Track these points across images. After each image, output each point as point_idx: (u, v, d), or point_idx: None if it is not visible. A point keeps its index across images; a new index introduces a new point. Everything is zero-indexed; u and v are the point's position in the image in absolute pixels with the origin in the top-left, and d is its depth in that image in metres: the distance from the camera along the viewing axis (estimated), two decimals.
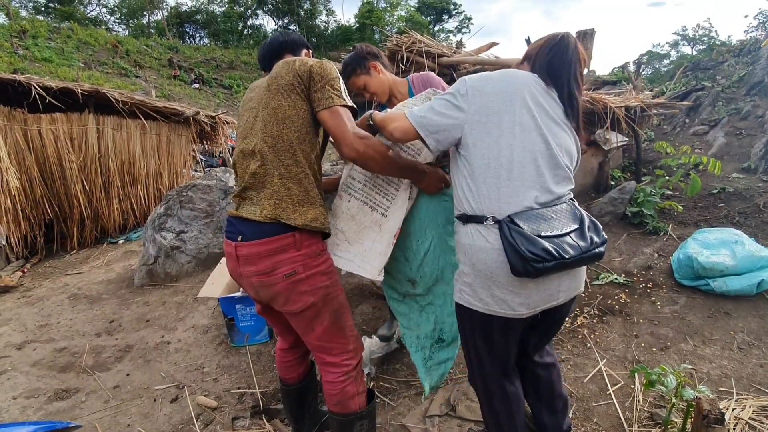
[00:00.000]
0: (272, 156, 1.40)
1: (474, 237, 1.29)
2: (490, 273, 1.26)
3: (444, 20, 39.28)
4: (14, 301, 4.06)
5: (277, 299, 1.44)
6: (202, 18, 35.33)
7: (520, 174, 1.25)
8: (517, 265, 1.17)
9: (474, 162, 1.28)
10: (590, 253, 1.25)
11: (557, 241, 1.20)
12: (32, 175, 5.08)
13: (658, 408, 2.01)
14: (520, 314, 1.29)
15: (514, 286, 1.26)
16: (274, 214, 1.38)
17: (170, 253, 4.19)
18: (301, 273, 1.40)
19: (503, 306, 1.28)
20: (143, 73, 20.81)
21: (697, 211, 4.49)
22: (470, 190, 1.30)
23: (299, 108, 1.41)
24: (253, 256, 1.39)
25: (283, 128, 1.40)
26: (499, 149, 1.25)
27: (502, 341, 1.39)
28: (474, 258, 1.29)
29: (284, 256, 1.38)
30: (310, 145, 1.44)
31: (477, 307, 1.32)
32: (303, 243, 1.40)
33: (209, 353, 2.83)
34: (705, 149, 6.49)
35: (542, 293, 1.29)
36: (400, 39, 3.18)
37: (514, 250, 1.18)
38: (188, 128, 6.53)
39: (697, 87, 9.00)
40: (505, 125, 1.25)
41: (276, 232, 1.38)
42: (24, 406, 2.43)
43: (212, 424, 2.17)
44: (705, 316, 2.78)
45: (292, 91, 1.41)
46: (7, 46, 17.02)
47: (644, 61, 23.21)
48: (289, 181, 1.40)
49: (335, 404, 1.56)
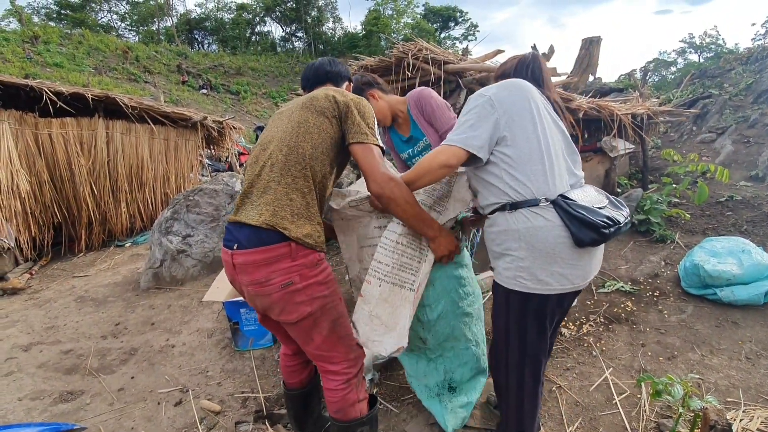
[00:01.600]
0: (283, 164, 1.41)
1: (530, 219, 1.35)
2: (552, 249, 1.34)
3: (450, 27, 39.51)
4: (22, 303, 4.09)
5: (272, 309, 1.43)
6: (211, 25, 35.81)
7: (556, 160, 1.41)
8: (584, 236, 1.30)
9: (515, 154, 1.38)
10: (628, 223, 1.42)
11: (606, 211, 1.36)
12: (42, 179, 5.14)
13: (665, 418, 1.99)
14: (578, 286, 1.40)
15: (573, 258, 1.36)
16: (271, 221, 1.37)
17: (176, 256, 4.21)
18: (298, 283, 1.38)
19: (563, 281, 1.37)
20: (152, 79, 21.07)
21: (704, 219, 4.46)
22: (516, 179, 1.38)
23: (323, 128, 1.45)
24: (249, 264, 1.38)
25: (300, 141, 1.42)
26: (538, 140, 1.39)
27: (550, 324, 1.48)
28: (533, 239, 1.35)
29: (279, 266, 1.37)
30: (321, 164, 1.45)
31: (536, 290, 1.38)
32: (298, 253, 1.38)
33: (213, 357, 2.84)
34: (712, 157, 6.45)
35: (590, 264, 1.42)
36: (407, 46, 3.20)
37: (580, 222, 1.30)
38: (196, 133, 6.60)
39: (704, 95, 8.97)
40: (532, 121, 1.40)
41: (271, 240, 1.36)
42: (29, 407, 2.44)
43: (215, 428, 2.16)
44: (712, 325, 2.75)
45: (323, 114, 1.45)
46: (19, 51, 17.32)
47: (651, 69, 23.14)
48: (293, 192, 1.40)
49: (336, 411, 1.55)
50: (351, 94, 1.53)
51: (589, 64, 7.87)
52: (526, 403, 1.53)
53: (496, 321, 1.54)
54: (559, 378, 2.34)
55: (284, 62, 31.38)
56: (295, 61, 32.24)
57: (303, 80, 1.76)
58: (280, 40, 39.04)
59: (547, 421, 2.04)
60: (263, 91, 25.89)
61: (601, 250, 1.48)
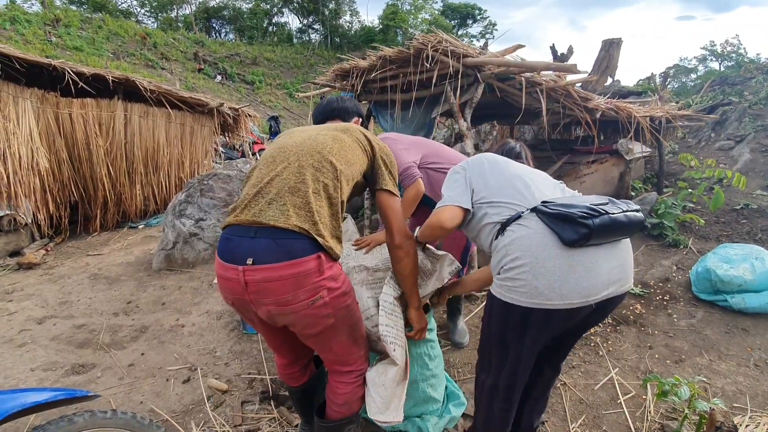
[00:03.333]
0: (315, 169, 1.32)
1: (515, 231, 1.35)
2: (538, 255, 1.28)
3: (468, 25, 39.12)
4: (37, 278, 4.19)
5: (297, 325, 1.34)
6: (229, 14, 35.89)
7: (533, 182, 1.49)
8: (568, 233, 1.24)
9: (488, 191, 1.49)
10: (632, 212, 1.32)
11: (594, 205, 1.29)
12: (61, 157, 5.23)
13: (670, 420, 1.98)
14: (570, 303, 1.27)
15: (562, 267, 1.26)
16: (305, 226, 1.24)
17: (188, 239, 4.27)
18: (325, 297, 1.29)
19: (550, 296, 1.26)
20: (169, 66, 21.24)
21: (718, 225, 4.40)
22: (495, 206, 1.45)
23: (357, 154, 1.48)
24: (272, 281, 1.22)
25: (335, 153, 1.38)
26: (504, 174, 1.52)
27: (533, 340, 1.39)
28: (521, 247, 1.31)
29: (308, 281, 1.24)
30: (347, 183, 1.40)
31: (524, 302, 1.30)
32: (325, 265, 1.28)
33: (222, 338, 2.88)
34: (730, 164, 6.34)
35: (594, 278, 1.28)
36: (426, 38, 3.19)
37: (558, 218, 1.27)
38: (211, 119, 6.65)
39: (724, 101, 8.81)
40: (498, 166, 1.56)
41: (301, 250, 1.23)
42: (42, 377, 2.51)
43: (222, 406, 2.21)
44: (722, 331, 2.72)
45: (359, 143, 1.50)
46: (40, 33, 17.56)
47: (671, 74, 22.75)
48: (323, 199, 1.31)
49: (341, 404, 1.52)
50: (380, 141, 1.60)
51: (608, 66, 7.77)
52: (495, 406, 1.51)
53: (485, 321, 1.52)
54: (564, 375, 2.34)
55: (300, 54, 31.37)
56: (311, 53, 32.22)
57: (315, 117, 1.97)
58: (297, 32, 39.03)
59: (551, 416, 2.04)
60: (278, 82, 25.95)
61: (602, 264, 1.31)
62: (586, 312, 1.33)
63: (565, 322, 1.35)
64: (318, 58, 31.46)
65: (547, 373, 1.67)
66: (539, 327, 1.34)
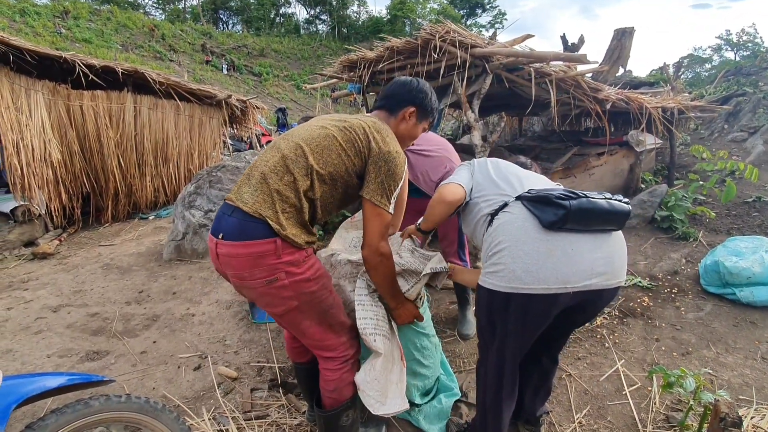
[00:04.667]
0: (291, 161, 1.38)
1: (500, 218, 1.41)
2: (517, 239, 1.32)
3: (477, 14, 38.68)
4: (51, 267, 4.28)
5: (258, 300, 1.43)
6: (236, 5, 35.82)
7: (524, 174, 1.60)
8: (546, 214, 1.29)
9: (481, 186, 1.57)
10: (616, 200, 1.34)
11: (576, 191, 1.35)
12: (73, 149, 5.30)
13: (675, 411, 1.99)
14: (549, 289, 1.28)
15: (540, 250, 1.29)
16: (263, 212, 1.32)
17: (198, 230, 4.33)
18: (284, 279, 1.35)
19: (528, 280, 1.28)
20: (177, 57, 21.31)
21: (729, 218, 4.35)
22: (486, 198, 1.52)
23: (346, 156, 1.41)
24: (232, 257, 1.34)
25: (314, 151, 1.40)
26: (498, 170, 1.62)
27: (520, 325, 1.40)
28: (503, 232, 1.37)
29: (264, 262, 1.32)
30: (322, 182, 1.41)
31: (503, 287, 1.33)
32: (284, 251, 1.34)
33: (231, 327, 2.93)
34: (742, 156, 6.24)
35: (574, 266, 1.28)
36: (434, 28, 3.16)
37: (537, 201, 1.33)
38: (220, 111, 6.68)
39: (738, 92, 8.63)
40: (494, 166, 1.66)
41: (257, 233, 1.31)
42: (57, 364, 2.58)
43: (232, 393, 2.26)
44: (730, 324, 2.71)
45: (352, 144, 1.42)
46: (50, 25, 17.70)
47: (684, 64, 22.31)
48: (290, 190, 1.36)
49: (331, 390, 1.55)
50: (395, 147, 1.45)
51: (620, 55, 7.63)
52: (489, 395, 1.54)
53: (476, 314, 1.57)
54: (569, 366, 2.35)
55: (307, 45, 31.26)
56: (318, 44, 32.09)
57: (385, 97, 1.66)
58: (304, 23, 38.87)
59: (555, 407, 2.06)
60: (285, 74, 25.93)
61: (584, 252, 1.31)
62: (569, 300, 1.33)
63: (548, 309, 1.34)
64: (325, 49, 31.34)
65: (546, 364, 1.70)
66: (520, 313, 1.35)
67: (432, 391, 2.06)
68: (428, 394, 2.04)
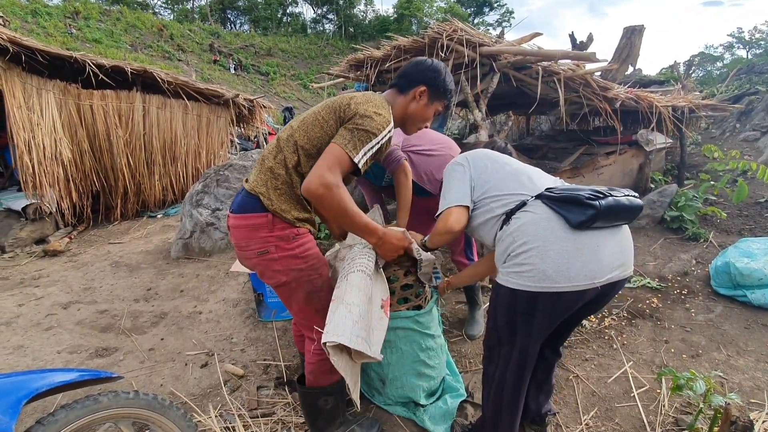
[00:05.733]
0: (283, 142, 1.51)
1: (521, 218, 1.38)
2: (545, 239, 1.31)
3: (484, 13, 38.49)
4: (62, 265, 4.33)
5: (255, 270, 1.57)
6: (244, 4, 35.96)
7: (533, 171, 1.58)
8: (576, 214, 1.28)
9: (489, 185, 1.53)
10: (632, 196, 1.36)
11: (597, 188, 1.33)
12: (83, 148, 5.37)
13: (684, 414, 1.97)
14: (577, 286, 1.29)
15: (569, 250, 1.29)
16: (257, 189, 1.47)
17: (205, 228, 4.36)
18: (273, 253, 1.48)
19: (559, 279, 1.28)
20: (185, 57, 21.46)
21: (741, 219, 4.29)
22: (497, 198, 1.49)
23: (327, 127, 1.47)
24: (234, 228, 1.52)
25: (300, 128, 1.50)
26: (504, 168, 1.57)
27: (546, 322, 1.40)
28: (524, 235, 1.34)
29: (257, 234, 1.47)
30: (308, 158, 1.47)
31: (531, 287, 1.31)
32: (276, 226, 1.47)
33: (238, 325, 2.95)
34: (755, 156, 6.14)
35: (599, 261, 1.30)
36: (441, 26, 3.14)
37: (565, 201, 1.31)
38: (227, 110, 6.73)
39: (750, 91, 8.49)
40: (496, 162, 1.61)
41: (253, 208, 1.47)
42: (67, 360, 2.61)
43: (238, 390, 2.27)
44: (741, 326, 2.67)
45: (334, 112, 1.48)
46: (60, 26, 17.90)
47: (695, 63, 22.02)
48: (281, 168, 1.49)
49: (309, 372, 1.65)
50: (375, 110, 1.42)
51: (630, 54, 7.54)
52: (506, 396, 1.52)
53: (491, 313, 1.53)
54: (576, 368, 2.33)
55: (314, 44, 31.29)
56: (325, 43, 32.11)
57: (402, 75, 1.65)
58: (311, 22, 38.92)
59: (562, 408, 2.04)
60: (292, 73, 25.99)
61: (607, 247, 1.32)
62: (592, 295, 1.36)
63: (572, 305, 1.37)
64: (332, 48, 31.36)
65: (549, 357, 1.70)
66: (547, 312, 1.36)
67: (437, 391, 2.06)
68: (434, 395, 2.04)
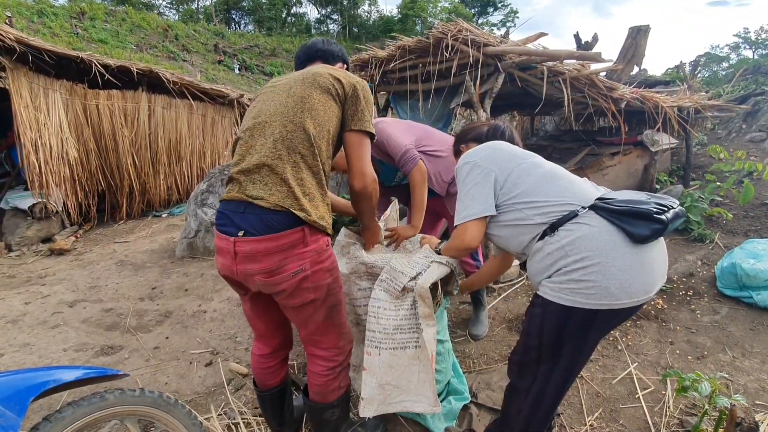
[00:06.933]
0: (290, 141, 1.33)
1: (574, 231, 1.26)
2: (608, 254, 1.22)
3: (489, 13, 38.42)
4: (67, 263, 4.36)
5: (280, 294, 1.39)
6: (248, 5, 36.10)
7: (572, 177, 1.43)
8: (641, 229, 1.19)
9: (523, 189, 1.38)
10: (683, 211, 1.29)
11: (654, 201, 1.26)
12: (89, 147, 5.41)
13: (689, 416, 1.96)
14: (638, 300, 1.24)
15: (633, 266, 1.22)
16: (285, 203, 1.29)
17: (210, 228, 4.37)
18: (308, 270, 1.35)
19: (620, 295, 1.22)
20: (190, 57, 21.56)
21: (747, 220, 4.26)
22: (538, 207, 1.35)
23: (328, 107, 1.39)
24: (259, 253, 1.29)
25: (307, 118, 1.35)
26: (536, 170, 1.42)
27: (593, 341, 1.35)
28: (586, 247, 1.24)
29: (292, 252, 1.31)
30: (326, 143, 1.39)
31: (591, 305, 1.24)
32: (310, 238, 1.33)
33: (242, 324, 2.96)
34: (761, 157, 6.10)
35: (654, 274, 1.26)
36: (446, 26, 3.14)
37: (630, 215, 1.21)
38: (232, 110, 6.76)
39: (756, 91, 8.44)
40: (525, 160, 1.45)
41: (285, 225, 1.29)
42: (73, 358, 2.63)
43: (242, 389, 2.28)
44: (747, 328, 2.65)
45: (327, 92, 1.39)
46: (66, 26, 18.03)
47: (701, 63, 21.89)
48: (304, 171, 1.34)
49: (316, 393, 1.58)
50: (354, 76, 1.48)
51: (635, 54, 7.53)
52: (542, 411, 1.44)
53: (533, 331, 1.38)
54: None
55: None
56: None
57: (296, 59, 1.75)
58: (315, 22, 39.01)
59: (567, 408, 2.04)
60: None
61: (658, 259, 1.28)
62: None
63: (626, 319, 1.35)
64: None
65: None
66: (603, 327, 1.31)
67: (442, 393, 2.06)
68: (438, 396, 2.04)
